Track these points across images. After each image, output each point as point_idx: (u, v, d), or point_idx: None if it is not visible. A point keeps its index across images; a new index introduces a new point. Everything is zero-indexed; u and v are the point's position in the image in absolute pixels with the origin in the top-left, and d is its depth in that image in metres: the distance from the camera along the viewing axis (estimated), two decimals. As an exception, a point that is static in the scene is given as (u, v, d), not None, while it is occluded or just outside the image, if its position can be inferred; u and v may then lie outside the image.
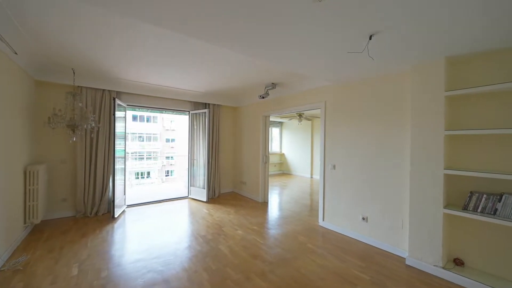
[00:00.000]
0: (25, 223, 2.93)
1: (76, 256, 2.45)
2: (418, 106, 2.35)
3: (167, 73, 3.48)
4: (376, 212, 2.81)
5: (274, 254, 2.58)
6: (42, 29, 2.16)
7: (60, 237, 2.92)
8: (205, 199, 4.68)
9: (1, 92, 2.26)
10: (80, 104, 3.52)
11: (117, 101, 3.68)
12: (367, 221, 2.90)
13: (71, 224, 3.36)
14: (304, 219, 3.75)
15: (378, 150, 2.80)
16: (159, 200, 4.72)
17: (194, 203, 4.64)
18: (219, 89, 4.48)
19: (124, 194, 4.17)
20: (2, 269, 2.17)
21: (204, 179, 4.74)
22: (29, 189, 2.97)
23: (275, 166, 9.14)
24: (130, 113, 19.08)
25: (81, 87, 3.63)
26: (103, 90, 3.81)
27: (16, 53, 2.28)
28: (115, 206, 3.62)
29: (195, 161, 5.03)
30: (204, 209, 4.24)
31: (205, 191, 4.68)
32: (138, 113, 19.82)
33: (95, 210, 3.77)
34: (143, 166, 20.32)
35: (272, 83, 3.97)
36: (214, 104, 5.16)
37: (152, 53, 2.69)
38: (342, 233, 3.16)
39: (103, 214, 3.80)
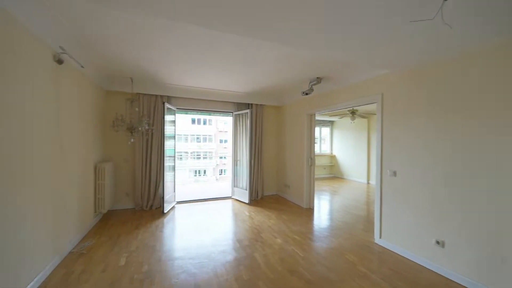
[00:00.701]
0: (95, 212, 3.44)
1: (127, 246, 2.70)
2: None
3: (212, 75, 3.57)
4: (460, 237, 2.12)
5: (315, 272, 2.25)
6: (103, 46, 2.45)
7: (119, 227, 3.31)
8: (247, 201, 4.63)
9: (74, 101, 2.68)
10: (137, 109, 3.95)
11: (166, 105, 3.97)
12: (443, 246, 2.23)
13: (130, 216, 3.79)
14: (356, 233, 3.22)
15: (470, 154, 2.08)
16: (205, 199, 4.91)
17: (236, 204, 4.64)
18: (261, 88, 4.34)
19: (174, 191, 4.49)
20: (72, 251, 2.55)
21: (246, 180, 4.68)
22: (98, 183, 3.47)
23: (324, 168, 8.46)
24: (189, 117, 21.16)
25: (139, 93, 4.07)
26: (156, 95, 4.18)
27: (82, 67, 2.65)
28: (164, 202, 3.91)
29: (238, 162, 5.04)
30: (245, 211, 4.17)
31: (247, 193, 4.62)
32: (196, 116, 21.77)
33: (150, 204, 4.16)
34: (200, 164, 22.22)
35: (317, 78, 3.57)
36: (257, 104, 5.06)
37: (199, 57, 2.79)
38: (405, 256, 2.55)
39: (156, 209, 4.17)
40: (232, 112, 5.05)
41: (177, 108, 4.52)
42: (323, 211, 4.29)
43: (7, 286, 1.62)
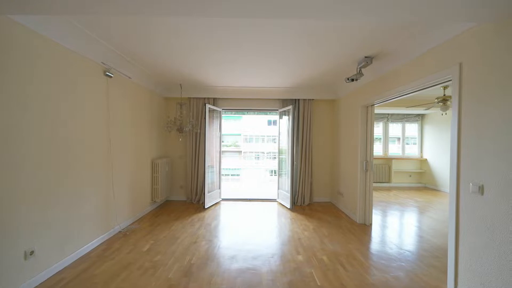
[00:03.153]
0: (151, 200, 4.07)
1: (157, 235, 3.00)
2: None
3: (255, 72, 3.51)
4: None
5: (324, 311, 1.69)
6: (148, 58, 2.85)
7: (165, 216, 3.75)
8: (288, 206, 4.21)
9: (129, 106, 3.25)
10: (184, 112, 4.38)
11: (208, 106, 4.19)
12: None
13: (179, 207, 4.24)
14: (422, 272, 2.24)
15: None
16: (251, 199, 4.85)
17: (278, 207, 4.32)
18: (307, 79, 3.85)
19: (219, 188, 4.69)
20: (120, 230, 3.09)
21: (288, 183, 4.27)
22: (154, 176, 4.08)
23: (410, 176, 6.61)
24: (265, 118, 21.88)
25: (189, 98, 4.50)
26: (204, 98, 4.50)
27: (130, 77, 3.17)
28: (206, 198, 4.14)
29: (283, 163, 4.69)
30: (282, 217, 3.79)
31: (289, 197, 4.21)
32: (271, 117, 22.37)
33: (197, 198, 4.53)
34: (259, 164, 22.55)
35: (366, 57, 2.78)
36: (305, 99, 4.53)
37: (241, 55, 2.80)
38: (500, 331, 1.51)
39: (202, 203, 4.48)
40: (277, 110, 4.76)
41: (222, 109, 4.70)
42: (385, 230, 3.29)
43: (64, 247, 2.16)
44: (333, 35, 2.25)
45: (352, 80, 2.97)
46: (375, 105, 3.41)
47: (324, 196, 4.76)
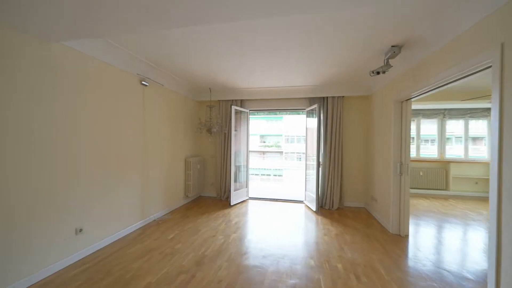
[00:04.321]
0: (184, 195, 4.48)
1: (183, 226, 3.30)
2: None
3: (281, 72, 3.50)
4: None
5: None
6: (181, 68, 3.22)
7: (194, 210, 4.09)
8: (314, 208, 4.04)
9: (163, 110, 3.69)
10: (213, 114, 4.68)
11: (234, 107, 4.37)
12: None
13: (208, 203, 4.55)
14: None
15: None
16: (278, 199, 4.84)
17: (304, 209, 4.18)
18: (334, 76, 3.62)
19: (246, 187, 4.83)
20: (154, 219, 3.51)
21: (314, 185, 4.09)
22: (187, 173, 4.49)
23: (476, 183, 5.46)
24: (292, 118, 21.16)
25: (219, 100, 4.78)
26: (231, 100, 4.72)
27: (162, 85, 3.59)
28: (232, 196, 4.33)
29: (310, 164, 4.52)
30: (306, 220, 3.67)
31: (314, 199, 4.04)
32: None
33: (225, 195, 4.77)
34: (293, 164, 21.63)
35: (393, 46, 2.48)
36: (333, 97, 4.27)
37: (267, 56, 2.86)
38: None
39: (229, 200, 4.69)
40: (304, 109, 4.62)
41: (250, 110, 4.83)
42: (424, 244, 2.84)
43: (107, 228, 2.63)
44: (358, 25, 2.07)
45: (378, 73, 2.68)
46: (412, 100, 2.98)
47: (357, 201, 4.38)
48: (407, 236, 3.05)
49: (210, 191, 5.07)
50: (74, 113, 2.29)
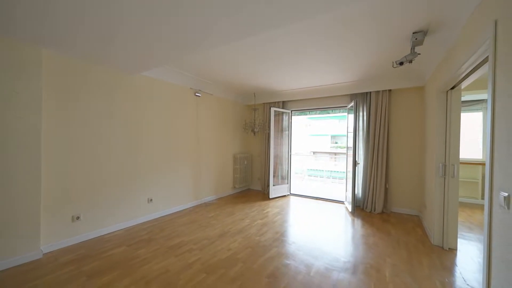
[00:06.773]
0: (233, 186, 5.25)
1: (223, 209, 3.99)
2: None
3: (320, 70, 3.51)
4: None
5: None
6: (227, 79, 4.02)
7: (239, 199, 4.75)
8: (350, 209, 3.87)
9: (214, 114, 4.57)
10: (257, 115, 5.23)
11: (273, 109, 4.76)
12: None
13: (253, 194, 5.13)
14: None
15: None
16: (320, 198, 4.85)
17: (341, 210, 4.07)
18: (378, 68, 3.35)
19: (287, 183, 5.10)
20: (205, 202, 4.40)
21: (358, 186, 3.91)
22: (235, 168, 5.24)
23: None
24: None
25: (263, 103, 5.30)
26: (274, 102, 5.13)
27: (211, 94, 4.44)
28: (270, 190, 4.73)
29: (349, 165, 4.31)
30: (337, 220, 3.61)
31: (350, 200, 3.87)
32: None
33: (268, 190, 5.21)
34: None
35: (414, 33, 2.26)
36: (378, 91, 3.96)
37: (307, 57, 2.96)
38: None
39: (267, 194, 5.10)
40: (345, 106, 4.46)
41: (291, 110, 5.09)
42: (473, 261, 2.35)
43: (170, 202, 3.64)
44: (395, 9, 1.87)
45: (401, 63, 2.47)
46: (460, 89, 2.51)
47: (409, 208, 3.84)
48: (454, 250, 2.57)
49: (257, 185, 5.64)
50: (148, 119, 3.37)
